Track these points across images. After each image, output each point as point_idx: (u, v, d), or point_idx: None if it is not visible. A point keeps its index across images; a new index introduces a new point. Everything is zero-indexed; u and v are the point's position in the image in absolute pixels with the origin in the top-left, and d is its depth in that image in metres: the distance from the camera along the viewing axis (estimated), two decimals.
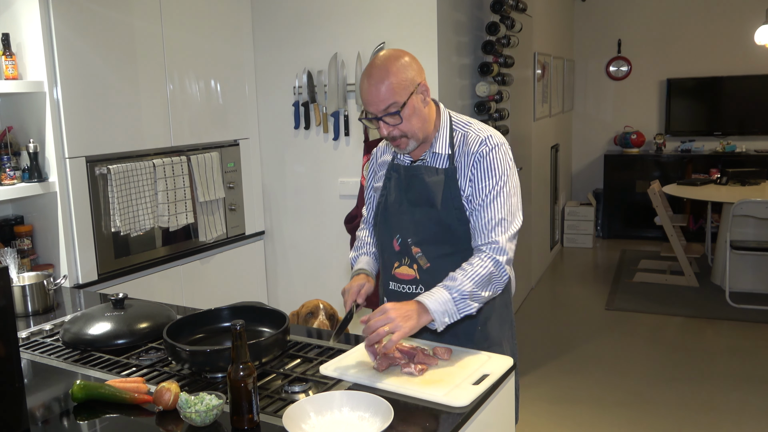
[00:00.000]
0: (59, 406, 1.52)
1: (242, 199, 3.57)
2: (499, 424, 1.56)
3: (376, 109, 1.71)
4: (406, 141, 1.76)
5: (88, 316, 1.86)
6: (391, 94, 1.69)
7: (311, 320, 2.29)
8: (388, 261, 1.90)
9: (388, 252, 1.89)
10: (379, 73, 1.70)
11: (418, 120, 1.75)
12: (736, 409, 3.42)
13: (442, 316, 1.60)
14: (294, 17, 3.53)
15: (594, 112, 7.61)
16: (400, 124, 1.72)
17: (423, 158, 1.84)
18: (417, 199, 1.82)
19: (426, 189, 1.81)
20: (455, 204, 1.78)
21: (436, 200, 1.79)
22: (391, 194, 1.88)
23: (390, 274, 1.89)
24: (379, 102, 1.70)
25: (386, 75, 1.69)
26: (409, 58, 1.75)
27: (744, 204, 4.83)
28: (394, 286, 1.88)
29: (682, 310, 4.95)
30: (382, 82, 1.69)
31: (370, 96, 1.71)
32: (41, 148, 2.64)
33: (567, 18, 7.11)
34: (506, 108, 4.13)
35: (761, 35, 5.76)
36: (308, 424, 1.33)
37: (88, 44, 2.72)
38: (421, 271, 1.83)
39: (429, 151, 1.83)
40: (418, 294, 1.77)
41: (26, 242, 2.70)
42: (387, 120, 1.72)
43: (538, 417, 3.40)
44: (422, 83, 1.75)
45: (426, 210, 1.80)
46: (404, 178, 1.86)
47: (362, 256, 2.00)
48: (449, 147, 1.81)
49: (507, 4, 3.88)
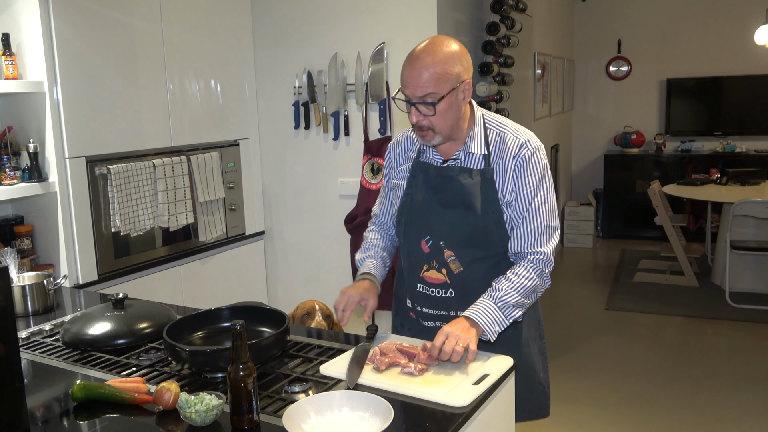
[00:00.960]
0: (59, 406, 1.52)
1: (242, 199, 3.57)
2: (499, 424, 1.56)
3: (412, 94, 1.64)
4: (432, 135, 1.69)
5: (88, 316, 1.86)
6: (433, 83, 1.61)
7: (308, 321, 2.28)
8: (417, 263, 1.83)
9: (416, 254, 1.82)
10: (426, 57, 1.61)
11: (451, 117, 1.68)
12: (736, 409, 3.42)
13: (492, 326, 1.63)
14: (294, 17, 3.53)
15: (594, 112, 7.61)
16: (432, 116, 1.65)
17: (456, 158, 1.76)
18: (450, 200, 1.75)
19: (462, 191, 1.73)
20: (493, 208, 1.73)
21: (473, 203, 1.72)
22: (418, 193, 1.80)
23: (418, 277, 1.83)
24: (417, 87, 1.62)
25: (433, 62, 1.61)
26: (459, 49, 1.66)
27: (744, 204, 4.83)
28: (423, 288, 1.83)
29: (682, 310, 4.95)
30: (426, 69, 1.61)
31: (411, 79, 1.62)
32: (41, 148, 2.64)
33: (567, 18, 7.11)
34: (506, 108, 4.13)
35: (761, 35, 5.77)
36: (308, 424, 1.33)
37: (88, 44, 2.72)
38: (452, 276, 1.78)
39: (462, 150, 1.76)
40: (448, 298, 1.79)
41: (26, 242, 2.70)
42: (420, 108, 1.65)
43: None
44: (466, 81, 1.66)
45: (461, 212, 1.74)
46: (434, 177, 1.78)
47: (369, 260, 1.91)
48: (485, 147, 1.75)
49: (507, 4, 3.88)
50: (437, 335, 1.58)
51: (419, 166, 1.82)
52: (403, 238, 1.87)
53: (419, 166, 1.82)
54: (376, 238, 1.98)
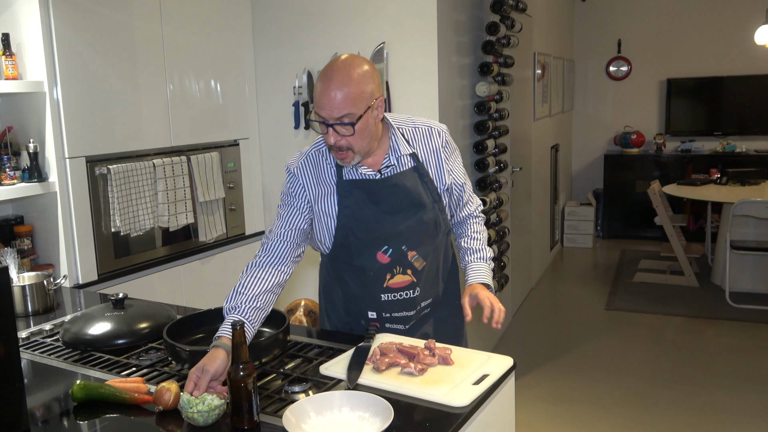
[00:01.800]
0: (59, 406, 1.52)
1: (242, 199, 3.57)
2: (499, 424, 1.56)
3: (329, 115, 1.61)
4: (352, 155, 1.68)
5: (88, 316, 1.86)
6: (349, 104, 1.60)
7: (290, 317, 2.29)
8: (376, 277, 1.81)
9: (373, 269, 1.81)
10: (339, 78, 1.60)
11: (368, 135, 1.67)
12: (736, 409, 3.42)
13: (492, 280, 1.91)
14: (294, 17, 3.53)
15: (594, 112, 7.61)
16: (350, 136, 1.64)
17: (387, 163, 1.77)
18: (398, 206, 1.78)
19: (409, 193, 1.79)
20: (435, 197, 1.84)
21: (422, 200, 1.81)
22: (359, 211, 1.77)
23: (381, 288, 1.83)
24: (334, 109, 1.60)
25: (347, 83, 1.60)
26: (370, 68, 1.66)
27: (744, 204, 4.84)
28: (388, 296, 1.84)
29: (682, 310, 4.95)
30: (340, 89, 1.59)
31: (326, 100, 1.60)
32: (41, 148, 2.64)
33: (567, 18, 7.11)
34: (506, 108, 4.13)
35: (761, 35, 5.76)
36: (308, 424, 1.33)
37: (88, 44, 2.72)
38: (417, 273, 1.84)
39: (392, 156, 1.77)
40: (415, 298, 1.85)
41: (26, 242, 2.70)
42: (338, 129, 1.62)
43: (538, 417, 3.40)
44: (380, 98, 1.67)
45: (413, 213, 1.80)
46: (374, 190, 1.76)
47: (251, 311, 1.64)
48: (408, 146, 1.81)
49: (507, 4, 3.88)
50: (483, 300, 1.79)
51: (349, 185, 1.77)
52: (350, 258, 1.82)
53: (348, 184, 1.77)
54: (263, 281, 1.73)
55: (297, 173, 1.81)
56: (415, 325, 1.91)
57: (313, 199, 1.80)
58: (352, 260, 1.82)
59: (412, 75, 3.28)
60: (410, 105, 3.31)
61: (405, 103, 3.31)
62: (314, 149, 1.82)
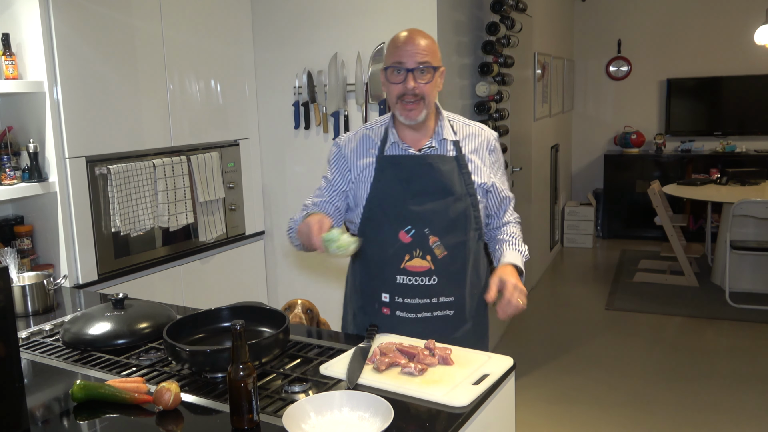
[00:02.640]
0: (59, 406, 1.52)
1: (242, 199, 3.57)
2: (499, 424, 1.56)
3: (411, 60, 1.74)
4: (422, 107, 1.78)
5: (88, 316, 1.86)
6: (430, 53, 1.74)
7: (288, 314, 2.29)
8: (395, 255, 1.84)
9: (393, 246, 1.83)
10: (420, 33, 1.76)
11: (435, 94, 1.80)
12: (736, 409, 3.42)
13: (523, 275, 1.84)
14: (294, 17, 3.53)
15: (594, 112, 7.61)
16: (427, 84, 1.75)
17: (429, 146, 1.85)
18: (427, 188, 1.81)
19: (440, 177, 1.81)
20: (469, 191, 1.84)
21: (452, 188, 1.82)
22: (389, 187, 1.83)
23: (398, 269, 1.84)
24: (417, 54, 1.73)
25: (427, 37, 1.76)
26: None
27: (744, 204, 4.84)
28: (404, 279, 1.84)
29: (682, 310, 4.95)
30: (425, 39, 1.75)
31: (410, 46, 1.73)
32: (41, 148, 2.64)
33: (567, 18, 7.11)
34: (506, 108, 4.13)
35: (761, 35, 5.76)
36: (308, 424, 1.33)
37: (88, 44, 2.73)
38: (436, 261, 1.83)
39: (435, 138, 1.85)
40: (432, 285, 1.84)
41: (26, 242, 2.70)
42: (418, 75, 1.74)
43: (538, 417, 3.40)
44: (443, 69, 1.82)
45: (439, 198, 1.81)
46: (409, 168, 1.83)
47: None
48: (453, 134, 1.87)
49: (507, 4, 3.88)
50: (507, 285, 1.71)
51: (387, 160, 1.86)
52: (374, 233, 1.87)
53: (387, 160, 1.86)
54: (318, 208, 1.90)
55: (342, 145, 1.94)
56: (429, 322, 1.86)
57: (353, 171, 1.90)
58: (376, 236, 1.86)
59: None
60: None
61: None
62: (366, 128, 1.94)
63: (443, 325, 1.87)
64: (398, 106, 1.79)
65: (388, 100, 1.86)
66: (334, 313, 2.82)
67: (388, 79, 1.80)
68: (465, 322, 1.91)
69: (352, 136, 1.94)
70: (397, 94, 1.77)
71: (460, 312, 1.89)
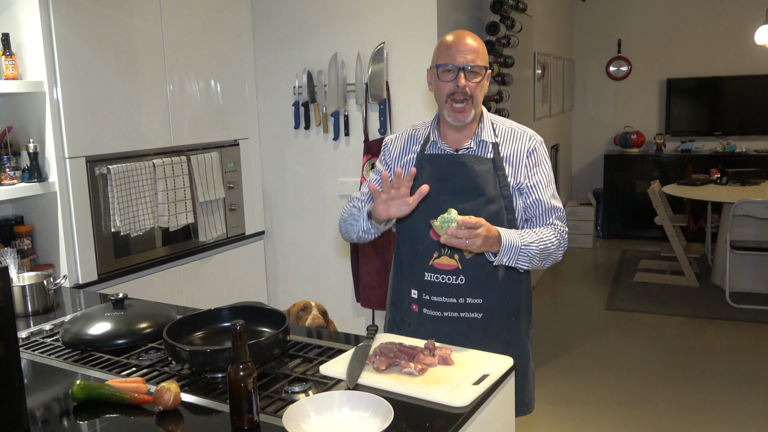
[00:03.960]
0: (59, 406, 1.52)
1: (242, 199, 3.57)
2: (499, 424, 1.56)
3: (463, 60, 1.77)
4: (470, 108, 1.80)
5: (88, 316, 1.86)
6: (480, 55, 1.79)
7: (304, 316, 2.29)
8: (424, 252, 1.87)
9: (423, 243, 1.87)
10: (470, 34, 1.80)
11: (483, 95, 1.83)
12: (736, 409, 3.42)
13: (504, 256, 1.70)
14: (294, 17, 3.53)
15: (594, 112, 7.61)
16: (478, 83, 1.78)
17: (468, 147, 1.86)
18: (461, 188, 1.83)
19: (474, 177, 1.82)
20: (503, 194, 1.83)
21: (485, 189, 1.82)
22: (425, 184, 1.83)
23: (426, 266, 1.87)
24: (469, 53, 1.76)
25: (476, 39, 1.80)
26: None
27: (744, 204, 4.83)
28: (432, 277, 1.86)
29: (682, 310, 4.95)
30: (474, 40, 1.79)
31: (463, 46, 1.77)
32: (41, 148, 2.64)
33: (567, 18, 7.11)
34: (506, 108, 4.13)
35: (761, 35, 5.77)
36: (308, 424, 1.33)
37: (88, 44, 2.72)
38: (464, 261, 1.84)
39: (474, 140, 1.86)
40: (459, 285, 1.85)
41: (26, 242, 2.70)
42: (469, 75, 1.77)
43: (538, 417, 3.40)
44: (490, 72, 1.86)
45: (473, 199, 1.82)
46: (445, 166, 1.86)
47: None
48: (494, 137, 1.87)
49: (507, 4, 3.88)
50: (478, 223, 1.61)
51: (426, 159, 1.89)
52: (407, 229, 1.91)
53: (426, 158, 1.89)
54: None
55: (390, 144, 2.00)
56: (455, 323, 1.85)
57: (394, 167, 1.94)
58: (409, 232, 1.90)
59: (413, 75, 3.28)
60: (410, 105, 3.31)
61: (405, 103, 3.31)
62: (412, 128, 1.99)
63: (470, 328, 1.87)
64: (447, 106, 1.82)
65: (436, 100, 1.87)
66: (334, 313, 2.82)
67: (438, 77, 1.81)
68: (495, 328, 1.88)
69: (399, 135, 1.99)
70: (448, 93, 1.80)
71: (489, 317, 1.88)
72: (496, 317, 1.88)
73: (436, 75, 1.82)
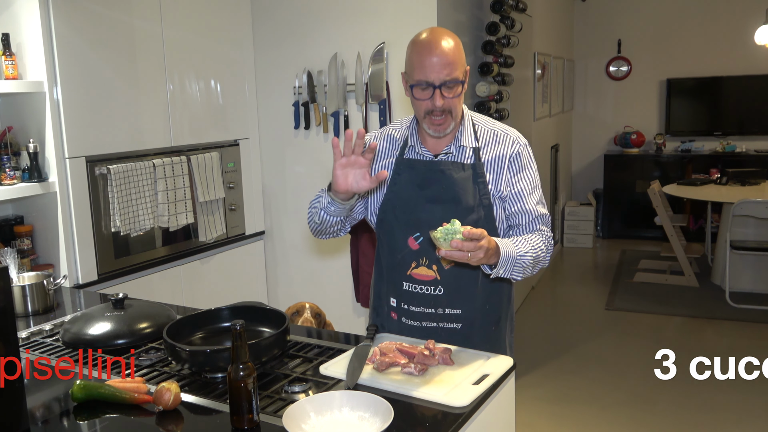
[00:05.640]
0: (59, 406, 1.52)
1: (242, 199, 3.57)
2: (499, 424, 1.56)
3: (437, 77, 1.66)
4: (449, 121, 1.72)
5: (88, 316, 1.86)
6: (454, 67, 1.67)
7: (296, 318, 2.29)
8: (402, 261, 1.81)
9: (402, 252, 1.81)
10: (442, 44, 1.67)
11: (462, 103, 1.75)
12: (736, 410, 3.41)
13: (501, 268, 1.61)
14: (294, 17, 3.53)
15: (594, 112, 7.61)
16: (454, 98, 1.69)
17: (446, 152, 1.78)
18: (439, 195, 1.75)
19: (453, 185, 1.75)
20: (483, 202, 1.75)
21: (463, 197, 1.74)
22: (403, 191, 1.80)
23: (405, 275, 1.81)
24: (443, 70, 1.65)
25: (449, 49, 1.67)
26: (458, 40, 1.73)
27: (744, 204, 4.83)
28: (410, 287, 1.81)
29: (682, 310, 4.95)
30: (446, 54, 1.66)
31: (435, 63, 1.65)
32: (41, 148, 2.64)
33: (567, 18, 7.11)
34: (506, 108, 4.13)
35: (761, 35, 5.76)
36: (308, 424, 1.33)
37: (88, 44, 2.72)
38: (442, 271, 1.78)
39: (453, 144, 1.78)
40: (437, 295, 1.78)
41: (26, 242, 2.70)
42: (446, 90, 1.68)
43: (538, 417, 3.40)
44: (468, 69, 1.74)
45: (451, 207, 1.74)
46: (423, 173, 1.78)
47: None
48: (475, 141, 1.79)
49: (507, 4, 3.88)
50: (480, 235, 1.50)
51: (404, 164, 1.82)
52: (386, 236, 1.85)
53: (404, 163, 1.82)
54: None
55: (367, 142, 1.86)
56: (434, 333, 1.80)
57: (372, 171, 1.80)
58: (388, 239, 1.85)
59: None
60: (410, 105, 3.30)
61: (405, 104, 3.31)
62: (392, 127, 1.90)
63: (449, 338, 1.80)
64: (426, 120, 1.74)
65: (415, 113, 1.80)
66: (334, 313, 2.82)
67: (414, 95, 1.73)
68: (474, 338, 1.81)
69: (379, 133, 1.91)
70: (425, 110, 1.72)
71: (468, 326, 1.82)
72: (475, 327, 1.82)
73: (411, 92, 1.74)
